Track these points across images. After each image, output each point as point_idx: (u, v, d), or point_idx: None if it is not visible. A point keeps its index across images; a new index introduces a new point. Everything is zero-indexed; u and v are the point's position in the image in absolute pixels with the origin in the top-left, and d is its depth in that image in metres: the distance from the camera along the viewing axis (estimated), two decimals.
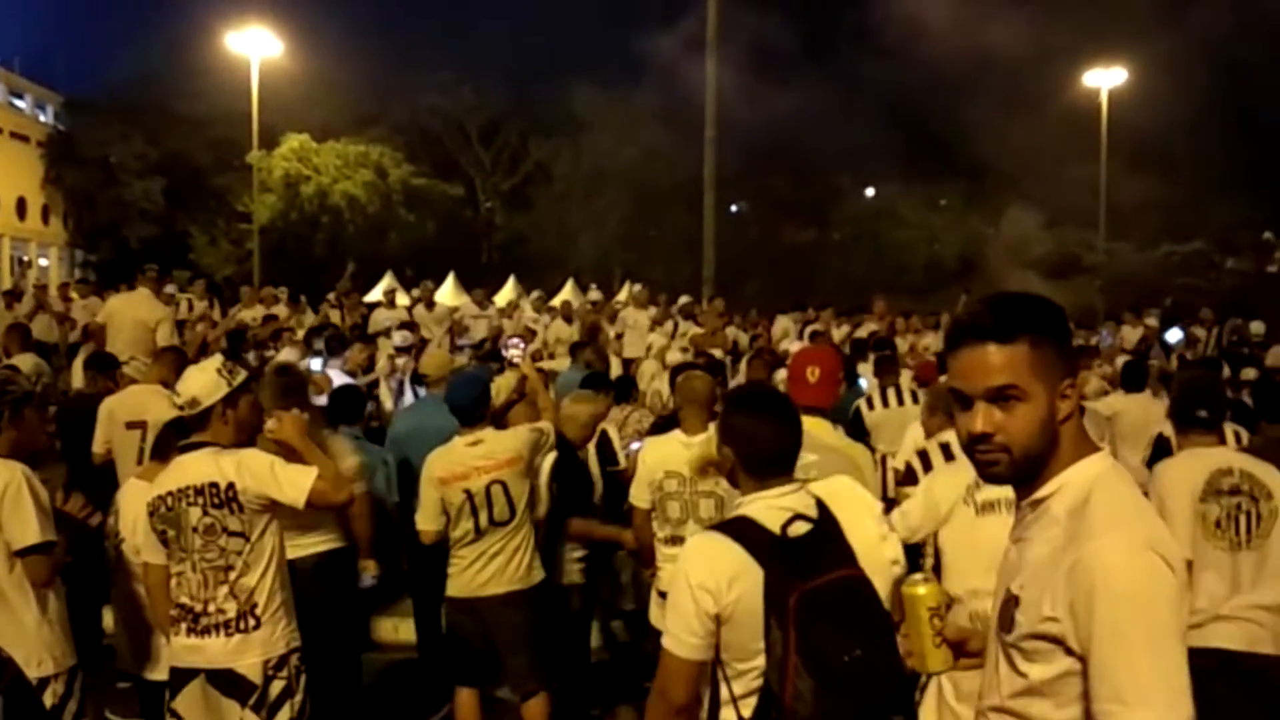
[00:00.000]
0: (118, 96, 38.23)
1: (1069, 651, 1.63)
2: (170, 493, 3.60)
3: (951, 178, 38.46)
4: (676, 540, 4.54)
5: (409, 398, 8.45)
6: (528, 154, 41.45)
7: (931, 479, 4.20)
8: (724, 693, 2.47)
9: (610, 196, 38.64)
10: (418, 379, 8.27)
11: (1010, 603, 1.74)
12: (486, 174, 42.57)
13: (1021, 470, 1.77)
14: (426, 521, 4.69)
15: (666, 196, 35.87)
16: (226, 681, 3.57)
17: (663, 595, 4.58)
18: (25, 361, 7.82)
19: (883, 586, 2.50)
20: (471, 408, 4.72)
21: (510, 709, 4.88)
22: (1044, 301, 1.80)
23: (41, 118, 47.42)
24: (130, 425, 6.13)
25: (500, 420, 5.12)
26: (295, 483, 3.57)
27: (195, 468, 3.61)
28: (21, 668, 3.48)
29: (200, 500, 3.56)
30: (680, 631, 2.45)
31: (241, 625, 3.58)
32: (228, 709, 3.57)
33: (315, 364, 8.06)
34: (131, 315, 8.55)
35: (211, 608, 3.58)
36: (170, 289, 15.10)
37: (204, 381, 3.67)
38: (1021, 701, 1.73)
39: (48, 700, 3.60)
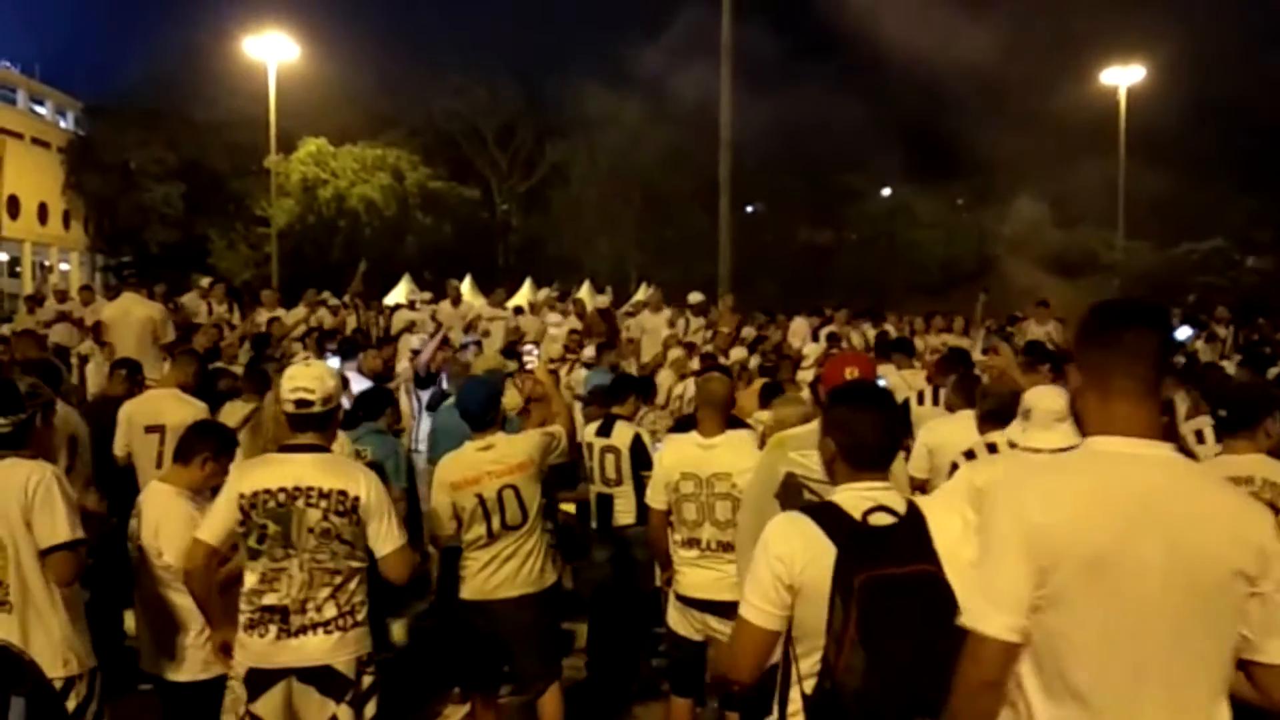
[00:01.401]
0: (137, 102, 38.52)
1: None
2: (284, 489, 3.59)
3: (968, 177, 38.32)
4: (693, 543, 4.53)
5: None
6: (543, 156, 41.57)
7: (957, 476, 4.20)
8: (793, 672, 2.57)
9: (626, 198, 38.70)
10: (422, 382, 8.33)
11: None
12: (502, 176, 42.69)
13: None
14: (438, 526, 4.70)
15: (682, 198, 35.88)
16: (324, 679, 3.59)
17: (679, 599, 4.58)
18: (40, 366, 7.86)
19: (962, 587, 2.50)
20: (481, 412, 4.71)
21: (525, 710, 4.88)
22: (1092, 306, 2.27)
23: (62, 124, 47.89)
24: (149, 429, 6.16)
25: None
26: (393, 537, 3.69)
27: (322, 470, 3.64)
28: (47, 668, 3.51)
29: (324, 504, 3.59)
30: (756, 599, 2.55)
31: (341, 624, 3.63)
32: (315, 707, 3.60)
33: (333, 364, 8.09)
34: (134, 318, 8.56)
35: (309, 607, 3.59)
36: (203, 282, 15.17)
37: (334, 382, 3.73)
38: None
39: (71, 701, 3.61)
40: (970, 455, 4.74)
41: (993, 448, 4.69)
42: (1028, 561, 2.03)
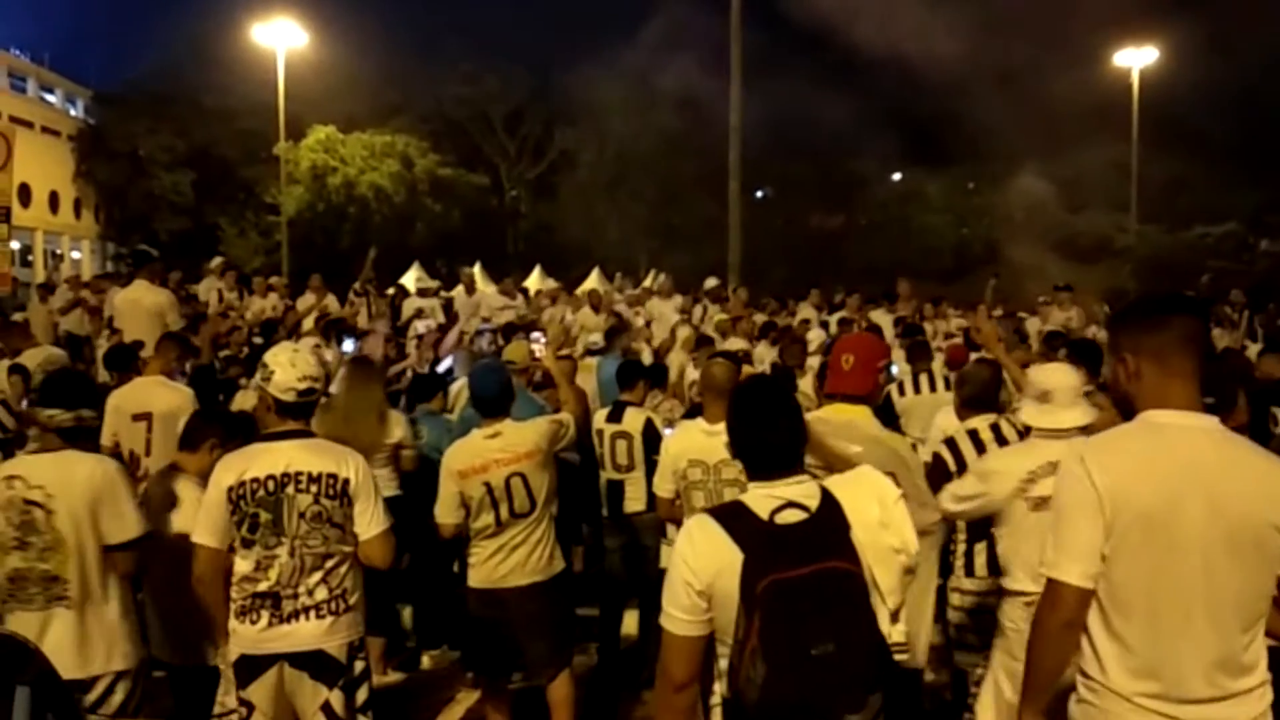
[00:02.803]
0: (146, 90, 38.58)
1: None
2: (273, 476, 3.58)
3: (980, 161, 38.05)
4: None
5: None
6: (552, 142, 41.44)
7: (989, 459, 4.15)
8: (716, 668, 2.52)
9: (635, 184, 38.58)
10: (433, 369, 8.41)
11: None
12: (511, 163, 42.62)
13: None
14: (445, 515, 4.62)
15: (691, 183, 35.76)
16: (316, 663, 3.58)
17: None
18: (35, 356, 7.85)
19: (885, 575, 2.46)
20: (495, 398, 4.67)
21: (535, 695, 4.88)
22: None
23: (72, 112, 47.93)
24: (136, 417, 6.12)
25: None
26: (377, 520, 3.68)
27: (311, 454, 3.63)
28: (102, 663, 3.56)
29: (315, 488, 3.59)
30: (671, 608, 2.50)
31: (333, 608, 3.61)
32: (308, 692, 3.59)
33: (349, 346, 8.23)
34: (143, 306, 8.55)
35: (301, 591, 3.58)
36: (212, 264, 15.17)
37: (318, 367, 3.74)
38: None
39: (119, 695, 3.64)
40: (951, 443, 4.66)
41: (974, 434, 4.61)
42: (1099, 518, 2.38)
